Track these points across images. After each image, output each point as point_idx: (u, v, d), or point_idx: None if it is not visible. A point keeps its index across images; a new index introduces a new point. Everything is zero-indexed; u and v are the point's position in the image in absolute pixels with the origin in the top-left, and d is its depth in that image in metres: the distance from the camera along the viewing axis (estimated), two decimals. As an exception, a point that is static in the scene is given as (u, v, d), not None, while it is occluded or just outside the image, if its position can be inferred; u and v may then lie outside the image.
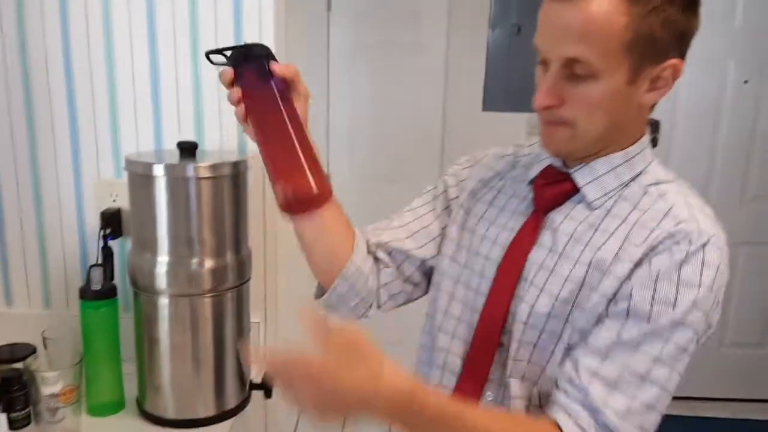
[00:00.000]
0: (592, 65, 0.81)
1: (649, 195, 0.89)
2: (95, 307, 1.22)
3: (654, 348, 0.82)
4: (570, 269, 0.88)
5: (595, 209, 0.91)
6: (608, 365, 0.83)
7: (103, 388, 1.25)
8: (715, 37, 2.83)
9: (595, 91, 0.83)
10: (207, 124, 1.36)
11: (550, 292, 0.89)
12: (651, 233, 0.85)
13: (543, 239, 0.93)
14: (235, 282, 1.22)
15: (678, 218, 0.85)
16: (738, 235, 2.98)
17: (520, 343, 0.92)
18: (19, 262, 1.45)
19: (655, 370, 0.82)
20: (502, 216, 1.00)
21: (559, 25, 0.82)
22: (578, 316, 0.87)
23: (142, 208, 1.17)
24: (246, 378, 1.29)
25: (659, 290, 0.82)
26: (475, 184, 1.07)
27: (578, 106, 0.84)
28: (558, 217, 0.93)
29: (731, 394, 3.18)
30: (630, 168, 0.91)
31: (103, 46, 1.34)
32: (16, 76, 1.36)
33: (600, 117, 0.85)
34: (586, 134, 0.87)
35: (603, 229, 0.89)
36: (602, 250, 0.87)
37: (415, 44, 2.84)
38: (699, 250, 0.82)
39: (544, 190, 0.95)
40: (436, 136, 2.92)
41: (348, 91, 2.91)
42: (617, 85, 0.83)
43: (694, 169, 2.94)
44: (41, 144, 1.39)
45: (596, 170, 0.91)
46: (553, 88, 0.84)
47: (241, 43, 1.31)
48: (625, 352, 0.82)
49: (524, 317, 0.91)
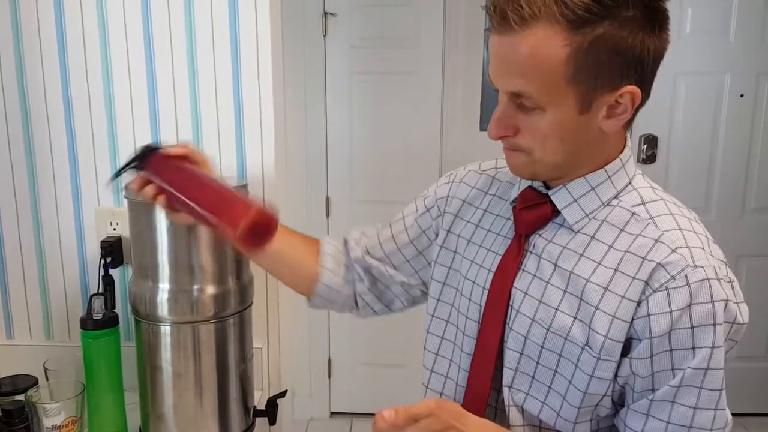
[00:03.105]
0: (536, 99, 0.79)
1: (637, 219, 0.85)
2: (97, 336, 1.21)
3: (689, 399, 0.80)
4: (559, 300, 0.86)
5: (577, 232, 0.88)
6: (652, 422, 0.82)
7: (105, 418, 1.24)
8: (710, 52, 2.85)
9: (544, 122, 0.81)
10: (206, 148, 1.36)
11: (542, 322, 0.87)
12: (643, 263, 0.82)
13: (527, 265, 0.91)
14: (237, 308, 1.21)
15: (670, 246, 0.81)
16: (740, 248, 2.97)
17: (516, 372, 0.91)
18: (19, 293, 1.45)
19: (697, 417, 0.81)
20: (488, 239, 0.98)
21: (501, 59, 0.81)
22: (575, 351, 0.85)
23: (142, 235, 1.16)
24: (250, 404, 1.28)
25: (674, 341, 0.79)
26: (459, 205, 1.05)
27: (530, 135, 0.83)
28: (540, 242, 0.90)
29: (738, 409, 3.11)
30: (610, 186, 0.88)
31: (101, 73, 1.35)
32: (14, 106, 1.36)
33: (555, 145, 0.83)
34: (544, 161, 0.85)
35: (589, 256, 0.85)
36: (590, 283, 0.84)
37: (412, 66, 2.85)
38: (701, 288, 0.79)
39: (523, 214, 0.92)
40: (435, 157, 2.93)
41: (346, 115, 2.92)
42: (567, 116, 0.80)
43: (693, 183, 2.95)
44: (40, 173, 1.39)
45: (574, 192, 0.88)
46: (504, 119, 0.84)
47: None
48: (664, 408, 0.81)
49: (519, 347, 0.90)
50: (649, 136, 2.91)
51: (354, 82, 2.89)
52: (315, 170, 2.97)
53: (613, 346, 0.82)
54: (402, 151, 2.93)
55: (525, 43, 0.77)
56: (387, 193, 2.96)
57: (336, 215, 3.02)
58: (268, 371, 1.45)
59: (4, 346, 1.39)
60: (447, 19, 2.82)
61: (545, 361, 0.88)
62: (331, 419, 3.12)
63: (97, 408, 1.23)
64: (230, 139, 1.36)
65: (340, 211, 3.01)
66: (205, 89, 1.34)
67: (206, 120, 1.35)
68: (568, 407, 0.87)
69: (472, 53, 2.84)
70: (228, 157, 1.36)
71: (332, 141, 2.95)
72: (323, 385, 3.11)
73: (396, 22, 2.82)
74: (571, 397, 0.86)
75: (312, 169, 2.97)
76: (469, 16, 2.78)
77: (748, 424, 3.10)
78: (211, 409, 1.20)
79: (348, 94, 2.90)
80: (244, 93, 1.34)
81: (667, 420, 0.81)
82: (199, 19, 1.31)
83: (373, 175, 2.97)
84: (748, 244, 3.00)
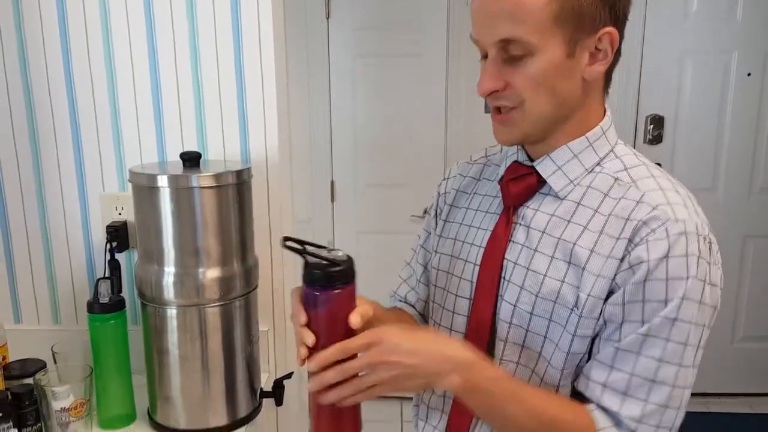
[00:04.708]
0: (526, 42, 0.81)
1: (620, 183, 0.88)
2: (103, 320, 1.22)
3: (655, 350, 0.81)
4: (547, 266, 0.88)
5: (563, 199, 0.90)
6: (615, 374, 0.83)
7: (113, 400, 1.25)
8: (717, 31, 2.82)
9: (535, 67, 0.83)
10: (210, 134, 1.36)
11: (530, 289, 0.89)
12: (626, 224, 0.84)
13: (517, 236, 0.92)
14: (243, 290, 1.22)
15: (651, 204, 0.83)
16: (747, 228, 2.96)
17: (506, 343, 0.92)
18: (27, 279, 1.46)
19: (661, 371, 0.81)
20: (477, 218, 1.00)
21: (488, 11, 0.83)
22: (565, 315, 0.86)
23: (147, 219, 1.17)
24: (256, 386, 1.29)
25: (648, 291, 0.81)
26: (454, 194, 1.08)
27: (521, 85, 0.84)
28: (529, 213, 0.92)
29: (746, 389, 3.16)
30: (592, 153, 0.90)
31: (104, 60, 1.35)
32: (18, 93, 1.36)
33: (545, 94, 0.85)
34: (534, 114, 0.86)
35: (575, 222, 0.88)
36: (578, 246, 0.86)
37: (416, 49, 2.84)
38: (678, 240, 0.80)
39: (510, 186, 0.95)
40: (439, 139, 2.92)
41: (350, 100, 2.92)
42: (556, 59, 0.82)
43: (700, 164, 2.94)
44: (45, 160, 1.39)
45: (558, 159, 0.91)
46: (495, 73, 0.85)
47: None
48: (629, 359, 0.82)
49: (508, 317, 0.91)
50: (656, 116, 2.89)
51: (357, 65, 2.88)
52: (319, 154, 2.97)
53: (596, 303, 0.84)
54: (406, 134, 2.92)
55: None
56: (392, 176, 2.97)
57: (341, 199, 3.03)
58: (275, 354, 1.46)
59: (13, 330, 1.40)
60: (451, 2, 2.80)
61: (535, 327, 0.89)
62: (338, 402, 3.14)
63: (105, 390, 1.24)
64: (233, 123, 1.36)
65: (346, 195, 3.02)
66: (208, 74, 1.34)
67: (209, 104, 1.35)
68: (552, 371, 0.89)
69: (477, 35, 2.82)
70: (231, 141, 1.36)
71: (336, 125, 2.94)
72: (330, 367, 3.12)
73: (399, 5, 2.81)
74: (555, 360, 0.88)
75: (316, 153, 2.97)
76: (473, -3, 2.77)
77: (754, 404, 3.10)
78: (218, 391, 1.21)
79: (351, 77, 2.90)
80: (246, 76, 1.33)
81: (631, 372, 0.82)
82: (201, 2, 1.31)
83: (377, 159, 2.97)
84: (755, 225, 2.99)
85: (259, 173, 1.35)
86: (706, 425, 2.90)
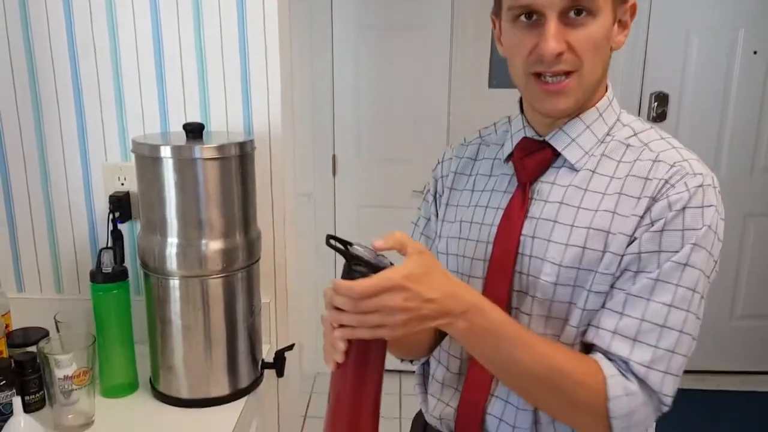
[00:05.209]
0: (594, 2, 0.82)
1: (632, 148, 0.90)
2: (106, 289, 1.23)
3: (665, 295, 0.83)
4: (568, 235, 0.88)
5: (578, 170, 0.91)
6: (625, 320, 0.84)
7: (116, 369, 1.26)
8: (724, 7, 2.79)
9: (596, 29, 0.84)
10: (213, 105, 1.36)
11: (553, 260, 0.89)
12: (646, 183, 0.85)
13: (533, 210, 0.92)
14: (245, 262, 1.22)
15: (668, 162, 0.86)
16: (748, 206, 2.96)
17: (531, 316, 0.91)
18: (29, 248, 1.46)
19: (670, 316, 0.83)
20: (484, 197, 0.99)
21: None
22: (589, 278, 0.87)
23: (150, 190, 1.17)
24: (258, 357, 1.30)
25: (664, 241, 0.83)
26: (452, 177, 1.06)
27: (584, 48, 0.84)
28: (544, 187, 0.93)
29: (743, 367, 3.18)
30: (602, 123, 0.92)
31: (107, 30, 1.33)
32: (20, 62, 1.35)
33: (600, 58, 0.87)
34: (589, 80, 0.87)
35: (593, 190, 0.89)
36: (599, 212, 0.87)
37: (420, 23, 2.82)
38: (697, 192, 0.83)
39: (524, 161, 0.94)
40: (442, 114, 2.91)
41: (353, 72, 2.89)
42: (609, 24, 0.86)
43: (703, 141, 2.92)
44: (48, 129, 1.39)
45: (572, 132, 0.92)
46: (559, 35, 0.84)
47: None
48: (639, 305, 0.83)
49: (532, 290, 0.91)
50: (660, 93, 2.87)
51: (361, 37, 2.85)
52: (321, 127, 2.96)
53: (612, 259, 0.85)
54: (410, 108, 2.91)
55: None
56: (394, 150, 2.96)
57: (342, 173, 3.02)
58: (276, 325, 1.47)
59: (15, 299, 1.41)
60: (456, -27, 2.77)
61: (559, 296, 0.89)
62: (337, 374, 3.17)
63: (107, 359, 1.25)
64: (237, 94, 1.35)
65: (347, 168, 3.01)
66: (211, 42, 1.33)
67: (212, 74, 1.34)
68: (569, 329, 0.89)
69: (483, 9, 2.79)
70: (234, 112, 1.36)
71: (339, 97, 2.93)
72: (330, 340, 3.14)
73: (404, -24, 2.77)
74: (573, 318, 0.89)
75: (318, 126, 2.95)
76: (478, -30, 2.73)
77: (750, 382, 3.12)
78: (220, 361, 1.22)
79: (355, 49, 2.87)
80: (250, 48, 1.32)
81: (641, 317, 0.83)
82: (204, -30, 1.29)
83: (379, 133, 2.95)
84: (757, 203, 2.99)
85: (261, 145, 1.35)
86: (701, 402, 2.92)
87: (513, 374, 0.86)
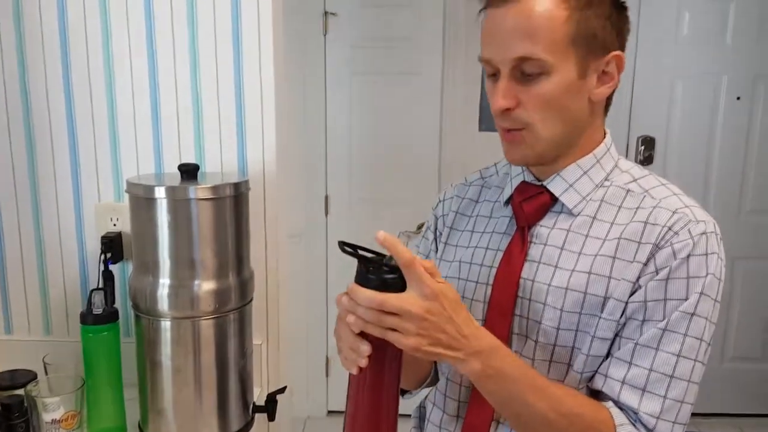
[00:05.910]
0: (542, 60, 0.83)
1: (633, 194, 0.91)
2: (96, 331, 1.21)
3: (674, 345, 0.83)
4: (568, 279, 0.88)
5: (576, 215, 0.92)
6: (634, 370, 0.84)
7: (105, 413, 1.24)
8: (707, 54, 2.86)
9: (548, 87, 0.84)
10: (207, 146, 1.37)
11: (554, 305, 0.89)
12: (648, 228, 0.86)
13: (532, 254, 0.93)
14: (238, 303, 1.21)
15: (670, 209, 0.87)
16: (736, 250, 2.99)
17: (533, 360, 0.91)
18: (19, 288, 1.45)
19: (678, 366, 0.83)
20: (483, 239, 1.00)
21: (504, 29, 0.84)
22: (593, 323, 0.87)
23: (143, 230, 1.17)
24: (249, 400, 1.28)
25: (669, 289, 0.83)
26: (453, 217, 1.07)
27: (534, 105, 0.85)
28: (543, 231, 0.93)
29: (734, 410, 3.16)
30: (599, 169, 0.93)
31: (103, 69, 1.35)
32: (15, 100, 1.36)
33: (556, 115, 0.87)
34: (545, 134, 0.88)
35: (594, 235, 0.89)
36: (600, 257, 0.87)
37: (412, 67, 2.86)
38: (701, 240, 0.84)
39: (523, 206, 0.95)
40: (434, 156, 2.94)
41: (345, 114, 2.93)
42: (569, 79, 0.85)
43: (690, 185, 2.94)
44: (41, 168, 1.39)
45: (568, 177, 0.93)
46: (507, 91, 0.86)
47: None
48: (648, 355, 0.84)
49: (533, 335, 0.91)
50: (647, 137, 2.92)
51: (354, 82, 2.90)
52: (314, 169, 2.98)
53: (616, 306, 0.85)
54: (401, 150, 2.93)
55: (530, 8, 0.83)
56: (386, 192, 2.97)
57: (335, 214, 3.03)
58: (268, 368, 1.46)
59: (3, 340, 1.39)
60: (447, 20, 2.83)
61: (562, 341, 0.89)
62: (328, 417, 3.13)
63: (96, 403, 1.22)
64: (231, 135, 1.36)
65: (339, 209, 3.02)
66: (207, 86, 1.34)
67: (208, 116, 1.36)
68: (573, 373, 0.89)
69: (472, 54, 2.84)
70: (229, 153, 1.37)
71: (332, 140, 2.95)
72: (321, 383, 3.11)
73: (396, 23, 2.83)
74: (577, 363, 0.88)
75: (311, 167, 2.97)
76: (469, 17, 2.79)
77: (743, 425, 3.11)
78: (210, 404, 1.20)
79: (348, 93, 2.91)
80: (245, 89, 1.34)
81: (650, 367, 0.83)
82: (202, 14, 1.31)
83: (372, 174, 2.97)
84: (744, 246, 3.01)
85: (256, 185, 1.35)
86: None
87: (524, 418, 0.85)
